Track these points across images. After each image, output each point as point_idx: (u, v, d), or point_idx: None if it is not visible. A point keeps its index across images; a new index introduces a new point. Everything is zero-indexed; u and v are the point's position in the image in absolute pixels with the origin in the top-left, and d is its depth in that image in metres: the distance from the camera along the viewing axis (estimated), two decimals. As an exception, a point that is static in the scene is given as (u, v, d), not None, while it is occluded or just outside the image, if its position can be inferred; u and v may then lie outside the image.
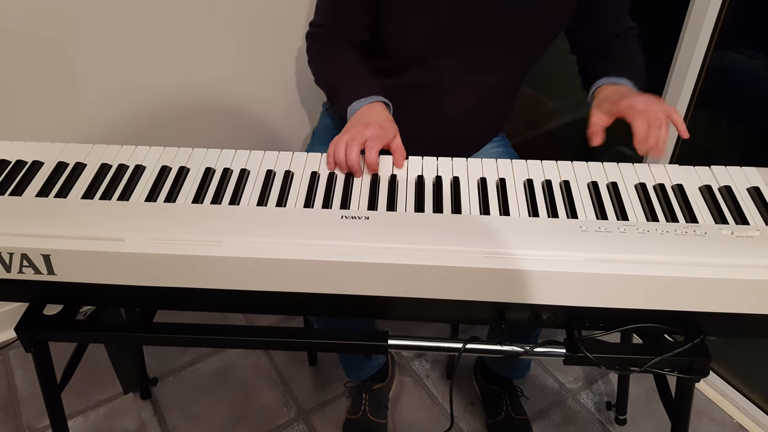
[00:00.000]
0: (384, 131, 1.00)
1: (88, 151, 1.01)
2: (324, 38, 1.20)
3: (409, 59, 1.15)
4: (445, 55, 1.13)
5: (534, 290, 0.82)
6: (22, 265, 0.84)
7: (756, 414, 1.49)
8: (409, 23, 1.10)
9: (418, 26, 1.10)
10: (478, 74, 1.15)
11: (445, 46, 1.12)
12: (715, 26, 1.26)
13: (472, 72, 1.15)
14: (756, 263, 0.81)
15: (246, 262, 0.81)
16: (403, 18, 1.10)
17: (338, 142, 0.98)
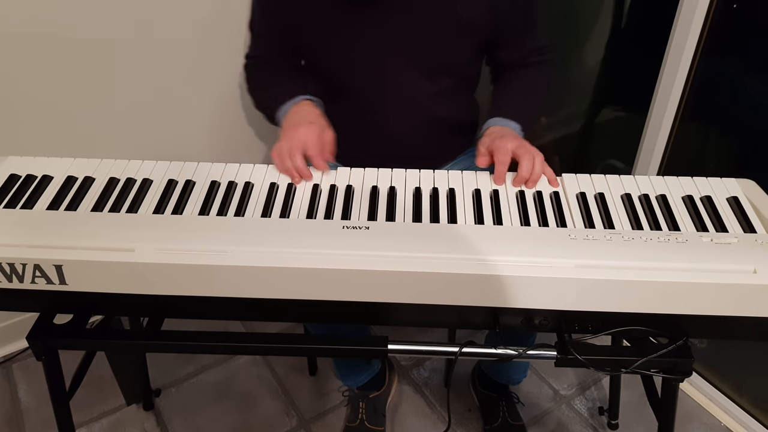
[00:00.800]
0: (315, 126, 1.07)
1: (96, 165, 1.05)
2: (257, 67, 1.29)
3: (339, 78, 1.22)
4: (368, 69, 1.18)
5: (526, 295, 0.86)
6: (34, 276, 0.88)
7: (743, 418, 1.52)
8: (322, 41, 1.18)
9: (329, 43, 1.17)
10: (405, 85, 1.20)
11: (361, 60, 1.17)
12: (700, 39, 1.30)
13: (399, 83, 1.19)
14: (734, 268, 0.85)
15: (251, 271, 0.85)
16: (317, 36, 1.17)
17: (280, 155, 1.04)
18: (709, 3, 1.25)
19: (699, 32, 1.29)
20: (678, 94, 1.38)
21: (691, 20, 1.28)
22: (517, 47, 1.22)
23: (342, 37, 1.16)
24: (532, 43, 1.23)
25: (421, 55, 1.17)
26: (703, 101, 1.37)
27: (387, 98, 1.22)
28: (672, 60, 1.34)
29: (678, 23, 1.31)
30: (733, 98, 1.35)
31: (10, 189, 1.00)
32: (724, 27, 1.27)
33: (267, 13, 1.22)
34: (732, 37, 1.28)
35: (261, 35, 1.27)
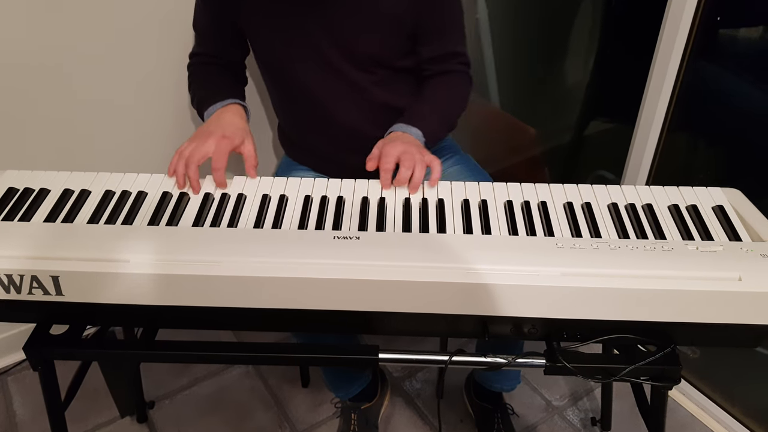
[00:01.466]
0: (226, 141, 1.07)
1: (92, 179, 1.07)
2: (198, 65, 1.30)
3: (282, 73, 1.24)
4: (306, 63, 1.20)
5: (514, 303, 0.87)
6: (32, 287, 0.89)
7: (736, 427, 1.53)
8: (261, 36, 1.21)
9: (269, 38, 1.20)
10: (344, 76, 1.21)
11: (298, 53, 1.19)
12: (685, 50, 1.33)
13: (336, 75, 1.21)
14: (719, 276, 0.87)
15: (245, 281, 0.86)
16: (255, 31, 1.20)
17: (180, 157, 1.05)
18: (694, 15, 1.28)
19: (684, 43, 1.32)
20: (665, 105, 1.40)
21: (676, 31, 1.30)
22: (437, 45, 1.23)
23: (278, 31, 1.18)
24: (452, 47, 1.25)
25: (352, 47, 1.18)
26: (690, 112, 1.40)
27: (330, 91, 1.23)
28: (658, 71, 1.37)
29: (663, 35, 1.33)
30: (719, 108, 1.37)
31: (8, 202, 1.01)
32: (709, 38, 1.30)
33: (206, 9, 1.24)
34: (716, 48, 1.31)
35: (202, 32, 1.28)
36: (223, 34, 1.25)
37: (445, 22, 1.23)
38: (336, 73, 1.21)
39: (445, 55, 1.25)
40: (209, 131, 1.09)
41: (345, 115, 1.26)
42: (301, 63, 1.21)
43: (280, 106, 1.35)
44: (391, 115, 1.27)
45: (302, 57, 1.20)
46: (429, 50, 1.24)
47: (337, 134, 1.28)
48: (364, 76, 1.22)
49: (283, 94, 1.31)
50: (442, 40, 1.23)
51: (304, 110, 1.29)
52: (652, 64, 1.38)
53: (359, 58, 1.20)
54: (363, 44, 1.18)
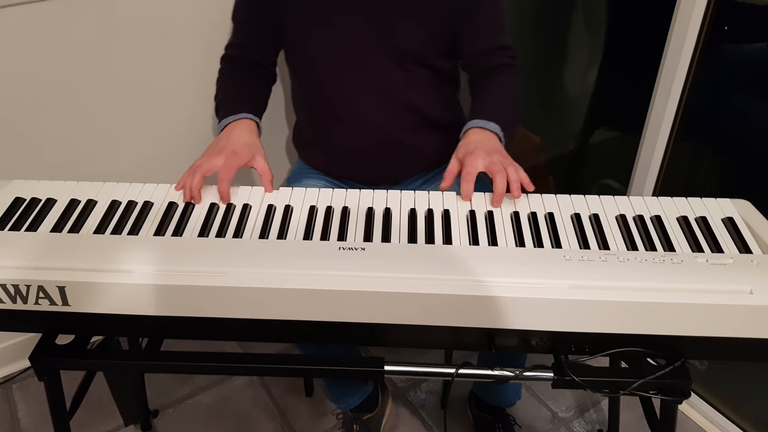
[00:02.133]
0: (236, 157, 1.07)
1: (98, 188, 1.07)
2: (230, 60, 1.30)
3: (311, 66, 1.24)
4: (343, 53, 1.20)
5: (521, 316, 0.86)
6: (38, 297, 0.89)
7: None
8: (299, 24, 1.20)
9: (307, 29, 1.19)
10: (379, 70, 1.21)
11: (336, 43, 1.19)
12: (692, 59, 1.32)
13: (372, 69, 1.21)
14: (730, 289, 0.86)
15: (250, 292, 0.86)
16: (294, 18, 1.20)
17: (188, 172, 1.06)
18: (701, 24, 1.28)
19: (691, 53, 1.31)
20: (671, 115, 1.40)
21: (683, 41, 1.30)
22: (481, 40, 1.23)
23: (318, 21, 1.18)
24: (497, 41, 1.25)
25: (394, 40, 1.18)
26: (697, 121, 1.39)
27: (362, 86, 1.23)
28: (665, 80, 1.36)
29: (670, 43, 1.33)
30: (727, 118, 1.36)
31: (15, 212, 1.01)
32: (716, 47, 1.29)
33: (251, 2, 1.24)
34: (724, 58, 1.30)
35: (240, 24, 1.28)
36: (262, 25, 1.24)
37: (491, 16, 1.23)
38: (372, 67, 1.21)
39: (495, 49, 1.24)
40: (219, 148, 1.09)
41: (374, 114, 1.25)
42: (337, 55, 1.21)
43: (305, 102, 1.34)
44: (419, 121, 1.27)
45: (340, 49, 1.20)
46: (476, 45, 1.23)
47: (362, 133, 1.27)
48: (401, 74, 1.22)
49: (310, 89, 1.30)
50: (489, 34, 1.23)
51: (330, 106, 1.27)
52: (658, 74, 1.37)
53: (399, 53, 1.20)
54: (405, 37, 1.18)
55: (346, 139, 1.29)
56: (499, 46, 1.25)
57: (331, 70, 1.23)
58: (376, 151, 1.28)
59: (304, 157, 1.42)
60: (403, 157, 1.31)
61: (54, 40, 1.34)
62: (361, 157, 1.30)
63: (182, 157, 1.62)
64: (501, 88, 1.24)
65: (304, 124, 1.38)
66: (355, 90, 1.24)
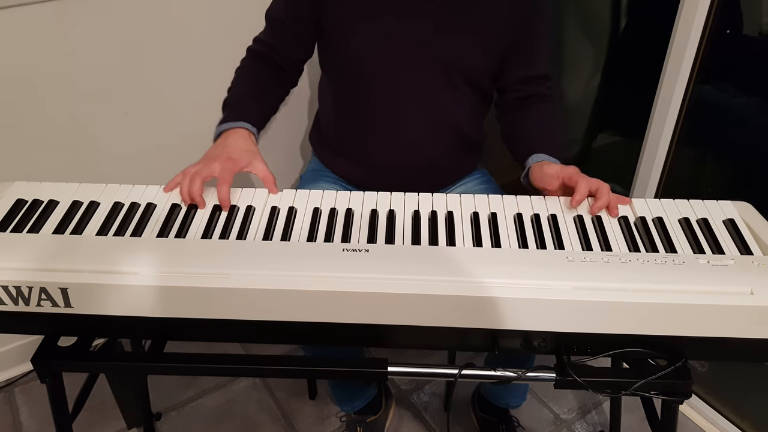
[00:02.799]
0: (232, 162, 1.06)
1: (101, 190, 1.07)
2: (255, 56, 1.28)
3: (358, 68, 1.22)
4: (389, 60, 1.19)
5: (524, 317, 0.87)
6: (40, 299, 0.89)
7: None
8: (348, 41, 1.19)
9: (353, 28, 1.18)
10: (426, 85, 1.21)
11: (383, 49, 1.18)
12: (694, 64, 1.33)
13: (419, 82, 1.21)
14: (730, 290, 0.86)
15: (253, 293, 0.86)
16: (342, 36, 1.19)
17: (185, 175, 1.05)
18: (703, 28, 1.28)
19: (693, 57, 1.32)
20: (673, 119, 1.40)
21: (685, 45, 1.30)
22: (530, 67, 1.24)
23: (375, 30, 1.17)
24: (542, 69, 1.26)
25: (449, 54, 1.18)
26: (699, 125, 1.39)
27: (408, 98, 1.22)
28: (667, 84, 1.36)
29: (672, 48, 1.33)
30: (728, 122, 1.37)
31: (17, 213, 1.01)
32: (718, 52, 1.30)
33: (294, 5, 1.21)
34: (726, 62, 1.31)
35: (275, 22, 1.25)
36: (299, 28, 1.22)
37: (542, 44, 1.25)
38: (422, 83, 1.20)
39: (536, 78, 1.26)
40: (214, 155, 1.08)
41: (413, 130, 1.25)
42: (389, 64, 1.20)
43: (339, 107, 1.31)
44: (456, 142, 1.28)
45: (393, 58, 1.19)
46: (523, 72, 1.25)
47: (396, 148, 1.27)
48: (450, 93, 1.22)
49: (348, 96, 1.27)
50: (538, 62, 1.25)
51: (369, 116, 1.26)
52: (660, 78, 1.38)
53: (454, 70, 1.20)
54: (464, 56, 1.19)
55: (378, 151, 1.28)
56: (543, 75, 1.27)
57: (383, 77, 1.21)
58: (407, 168, 1.27)
59: (322, 159, 1.40)
60: (431, 175, 1.31)
61: (57, 41, 1.35)
62: (389, 171, 1.29)
63: (186, 159, 1.62)
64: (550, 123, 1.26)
65: (331, 128, 1.35)
66: (399, 102, 1.23)
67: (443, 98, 1.23)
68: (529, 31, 1.21)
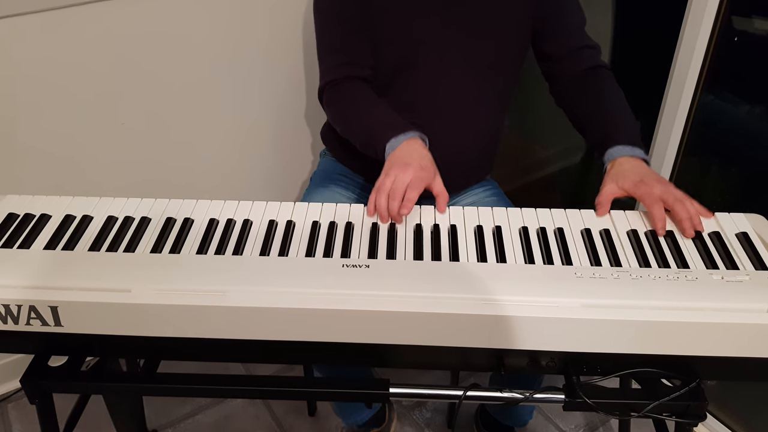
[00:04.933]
0: (425, 172, 1.00)
1: (94, 204, 1.04)
2: (338, 90, 1.20)
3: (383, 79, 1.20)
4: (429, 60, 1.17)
5: (532, 336, 0.83)
6: (29, 317, 0.86)
7: (758, 459, 1.48)
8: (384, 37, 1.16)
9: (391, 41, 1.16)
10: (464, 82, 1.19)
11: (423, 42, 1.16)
12: (700, 74, 1.30)
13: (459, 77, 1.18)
14: (746, 307, 0.83)
15: (250, 312, 0.83)
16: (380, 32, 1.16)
17: (380, 191, 0.98)
18: (710, 36, 1.26)
19: (700, 66, 1.29)
20: (680, 129, 1.38)
21: (692, 52, 1.27)
22: (570, 41, 1.22)
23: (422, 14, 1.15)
24: (584, 40, 1.23)
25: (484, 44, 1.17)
26: (706, 135, 1.37)
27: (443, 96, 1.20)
28: (673, 94, 1.34)
29: (678, 58, 1.31)
30: (736, 131, 1.34)
31: (7, 228, 0.98)
32: (726, 60, 1.27)
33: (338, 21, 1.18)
34: (733, 71, 1.28)
35: (335, 48, 1.20)
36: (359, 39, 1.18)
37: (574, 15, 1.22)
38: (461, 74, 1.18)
39: (583, 48, 1.22)
40: (406, 162, 1.01)
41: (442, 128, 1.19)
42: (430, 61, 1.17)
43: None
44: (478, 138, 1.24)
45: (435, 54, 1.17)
46: (564, 47, 1.22)
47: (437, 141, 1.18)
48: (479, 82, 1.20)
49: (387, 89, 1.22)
50: (575, 33, 1.22)
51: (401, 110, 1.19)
52: (666, 88, 1.35)
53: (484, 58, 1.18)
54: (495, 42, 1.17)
55: None
56: (586, 45, 1.22)
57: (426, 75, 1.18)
58: None
59: (336, 154, 1.35)
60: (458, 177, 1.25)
61: (54, 51, 1.32)
62: None
63: (183, 172, 1.61)
64: (618, 101, 1.18)
65: None
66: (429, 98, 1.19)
67: (471, 87, 1.20)
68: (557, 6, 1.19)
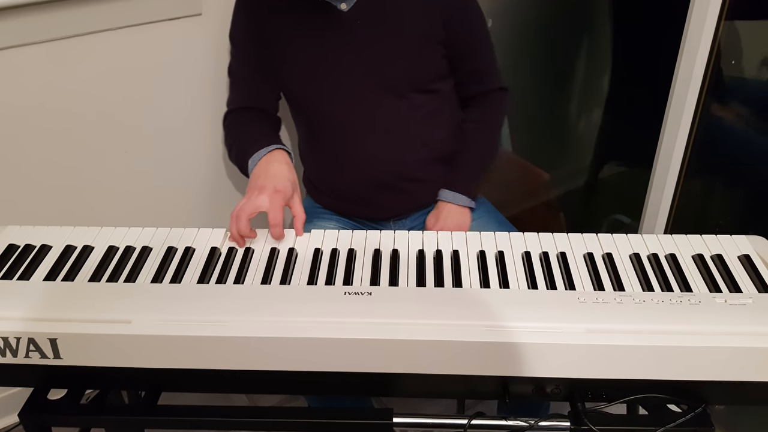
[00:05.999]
0: (280, 195, 1.03)
1: (95, 234, 1.04)
2: (232, 117, 1.27)
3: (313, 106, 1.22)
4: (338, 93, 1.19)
5: (536, 363, 0.82)
6: (28, 350, 0.85)
7: (768, 483, 1.46)
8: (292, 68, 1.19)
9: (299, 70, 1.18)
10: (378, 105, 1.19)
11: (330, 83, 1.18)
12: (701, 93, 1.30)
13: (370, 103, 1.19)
14: (750, 330, 0.82)
15: (251, 342, 0.82)
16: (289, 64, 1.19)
17: (232, 217, 1.02)
18: (709, 56, 1.26)
19: (699, 84, 1.29)
20: (681, 150, 1.38)
21: (692, 72, 1.28)
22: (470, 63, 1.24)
23: (309, 61, 1.17)
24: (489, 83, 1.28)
25: (385, 71, 1.17)
26: (708, 155, 1.37)
27: (363, 122, 1.20)
28: (673, 115, 1.34)
29: (679, 76, 1.31)
30: (737, 152, 1.34)
31: (8, 259, 0.98)
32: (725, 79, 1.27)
33: (236, 50, 1.23)
34: (733, 90, 1.28)
35: (239, 76, 1.26)
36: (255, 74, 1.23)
37: (478, 59, 1.25)
38: (369, 102, 1.18)
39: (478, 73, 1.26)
40: (260, 185, 1.04)
41: (380, 150, 1.22)
42: (331, 94, 1.18)
43: (309, 146, 1.31)
44: (426, 153, 1.25)
45: (333, 87, 1.18)
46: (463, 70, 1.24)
47: (370, 171, 1.24)
48: (399, 102, 1.19)
49: (312, 132, 1.27)
50: (481, 79, 1.27)
51: (334, 147, 1.24)
52: (667, 108, 1.35)
53: (392, 82, 1.18)
54: (396, 68, 1.17)
55: (357, 180, 1.26)
56: (493, 88, 1.29)
57: (331, 109, 1.20)
58: (388, 189, 1.25)
59: (313, 195, 1.38)
60: (410, 193, 1.28)
61: (57, 80, 1.33)
62: (374, 197, 1.26)
63: (181, 201, 1.60)
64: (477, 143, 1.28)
65: (313, 169, 1.35)
66: (352, 124, 1.21)
67: (398, 111, 1.20)
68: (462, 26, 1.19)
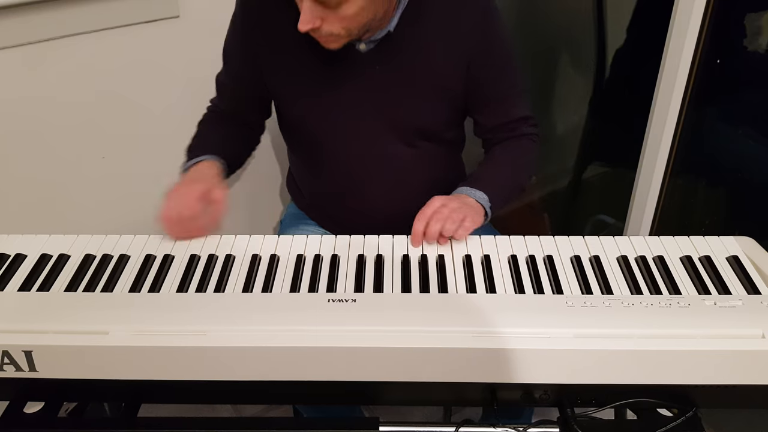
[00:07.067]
0: (198, 185, 1.01)
1: (72, 242, 1.01)
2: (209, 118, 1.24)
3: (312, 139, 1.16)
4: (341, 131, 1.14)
5: (524, 369, 0.81)
6: (3, 363, 0.82)
7: (757, 484, 1.45)
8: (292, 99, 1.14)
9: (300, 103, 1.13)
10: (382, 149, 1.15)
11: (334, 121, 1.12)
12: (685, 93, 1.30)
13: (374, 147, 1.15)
14: (740, 333, 0.81)
15: (232, 352, 0.80)
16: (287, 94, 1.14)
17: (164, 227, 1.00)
18: (693, 58, 1.26)
19: (684, 85, 1.29)
20: (666, 150, 1.37)
21: (676, 73, 1.27)
22: (498, 115, 1.16)
23: (314, 97, 1.11)
24: (515, 113, 1.17)
25: (397, 117, 1.11)
26: (692, 156, 1.36)
27: (363, 163, 1.16)
28: (658, 116, 1.34)
29: (662, 78, 1.31)
30: (722, 152, 1.34)
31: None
32: (709, 81, 1.27)
33: (227, 64, 1.18)
34: (717, 91, 1.28)
35: (220, 87, 1.22)
36: (242, 93, 1.19)
37: (505, 88, 1.15)
38: (374, 145, 1.14)
39: (512, 122, 1.17)
40: (177, 184, 1.04)
41: (379, 193, 1.18)
42: (335, 133, 1.13)
43: (305, 174, 1.27)
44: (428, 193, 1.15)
45: (337, 126, 1.13)
46: (492, 119, 1.16)
47: (365, 211, 1.20)
48: (406, 149, 1.15)
49: (309, 164, 1.23)
50: (506, 107, 1.16)
51: (331, 183, 1.21)
52: (651, 109, 1.35)
53: (404, 130, 1.13)
54: (410, 115, 1.11)
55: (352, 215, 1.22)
56: (517, 118, 1.17)
57: (333, 147, 1.15)
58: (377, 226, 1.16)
59: (301, 206, 1.35)
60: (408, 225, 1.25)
61: (32, 85, 1.30)
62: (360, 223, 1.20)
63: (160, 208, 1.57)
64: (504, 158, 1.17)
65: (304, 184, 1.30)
66: (360, 167, 1.16)
67: (402, 156, 1.16)
68: (493, 77, 1.11)
